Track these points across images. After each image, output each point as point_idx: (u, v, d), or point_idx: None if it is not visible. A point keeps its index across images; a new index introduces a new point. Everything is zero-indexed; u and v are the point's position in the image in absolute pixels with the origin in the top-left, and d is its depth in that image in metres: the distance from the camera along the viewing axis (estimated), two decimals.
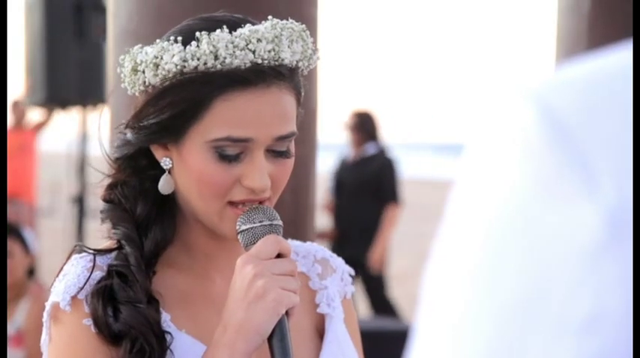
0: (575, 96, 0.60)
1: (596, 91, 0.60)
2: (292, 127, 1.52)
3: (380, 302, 7.35)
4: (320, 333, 1.66)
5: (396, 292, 10.82)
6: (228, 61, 1.47)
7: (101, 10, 5.89)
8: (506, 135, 0.61)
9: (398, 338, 4.59)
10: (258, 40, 1.48)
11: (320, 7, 2.77)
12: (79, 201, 6.76)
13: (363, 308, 7.82)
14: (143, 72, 1.51)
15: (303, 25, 1.55)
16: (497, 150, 0.61)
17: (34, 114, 8.54)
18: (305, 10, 2.61)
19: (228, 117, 1.48)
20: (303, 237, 1.82)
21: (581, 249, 0.57)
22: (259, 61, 1.48)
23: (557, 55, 3.40)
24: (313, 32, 2.72)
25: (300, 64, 1.53)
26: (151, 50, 1.51)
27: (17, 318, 4.55)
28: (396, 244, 14.70)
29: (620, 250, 0.56)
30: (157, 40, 1.53)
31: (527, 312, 0.57)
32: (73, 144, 7.13)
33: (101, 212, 1.61)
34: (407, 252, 13.72)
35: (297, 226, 2.37)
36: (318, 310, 1.67)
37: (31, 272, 4.72)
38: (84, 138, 6.93)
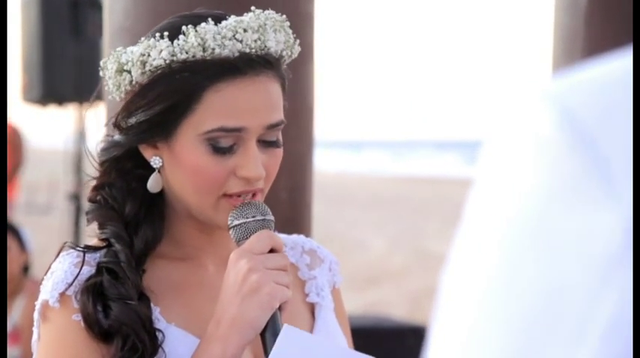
0: (594, 98, 0.58)
1: (614, 93, 0.59)
2: (281, 115, 1.54)
3: None
4: (312, 322, 1.68)
5: (392, 289, 10.83)
6: (217, 51, 1.48)
7: (97, 7, 5.88)
8: (524, 138, 0.60)
9: (392, 336, 4.59)
10: (244, 30, 1.50)
11: (316, 4, 2.76)
12: (76, 198, 6.75)
13: (353, 304, 7.82)
14: (129, 71, 1.52)
15: (284, 16, 1.56)
16: (516, 154, 0.60)
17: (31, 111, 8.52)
18: (301, 7, 2.61)
19: (219, 107, 1.48)
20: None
21: (602, 254, 0.56)
22: (247, 50, 1.50)
23: (553, 50, 3.40)
24: (310, 29, 2.72)
25: (284, 53, 1.55)
26: (136, 49, 1.52)
27: (13, 315, 4.55)
28: (394, 241, 14.70)
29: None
30: (142, 39, 1.53)
31: (547, 318, 0.56)
32: (70, 141, 7.12)
33: (87, 213, 1.61)
34: (404, 250, 13.72)
35: (293, 224, 2.36)
36: (308, 299, 1.70)
37: (26, 269, 4.72)
38: (81, 135, 6.92)
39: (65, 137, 7.35)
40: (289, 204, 2.49)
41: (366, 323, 4.77)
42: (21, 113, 8.78)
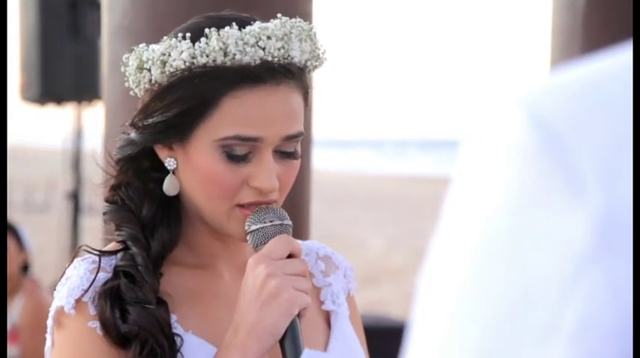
0: (566, 103, 0.60)
1: (586, 97, 0.60)
2: (300, 127, 1.51)
3: None
4: (328, 330, 1.65)
5: (391, 289, 10.84)
6: (237, 57, 1.45)
7: (96, 6, 5.87)
8: (497, 142, 0.61)
9: (391, 335, 4.59)
10: (268, 38, 1.47)
11: (315, 3, 2.76)
12: (74, 197, 6.75)
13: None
14: (149, 70, 1.49)
15: (312, 25, 1.54)
16: (489, 158, 0.61)
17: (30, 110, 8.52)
18: (300, 6, 2.61)
19: (237, 115, 1.46)
20: (298, 236, 1.81)
21: (570, 256, 0.57)
22: (269, 59, 1.46)
23: (551, 52, 3.40)
24: None
25: (309, 63, 1.52)
26: (157, 47, 1.49)
27: (12, 314, 4.55)
28: (393, 241, 14.70)
29: (609, 257, 0.56)
30: (164, 38, 1.51)
31: (517, 320, 0.58)
32: (68, 140, 7.11)
33: (104, 213, 1.58)
34: (403, 249, 13.73)
35: (292, 224, 2.35)
36: (324, 307, 1.67)
37: (25, 268, 4.72)
38: (79, 134, 6.91)
39: (63, 136, 7.35)
40: (287, 204, 2.48)
41: (365, 323, 4.75)
42: (19, 112, 8.77)
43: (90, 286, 1.49)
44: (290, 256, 1.48)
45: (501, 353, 0.58)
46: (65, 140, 7.26)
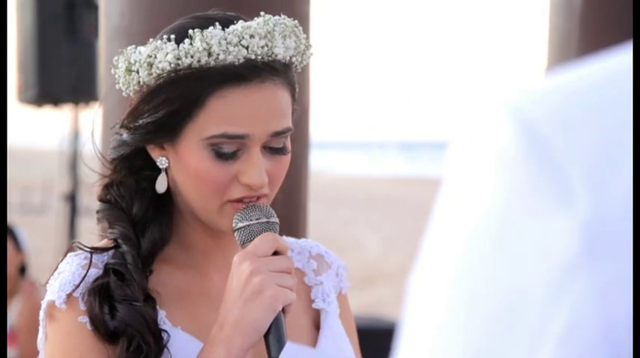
0: (553, 108, 0.60)
1: (575, 102, 0.60)
2: (288, 123, 1.53)
3: None
4: (317, 329, 1.67)
5: (388, 290, 10.84)
6: (221, 57, 1.48)
7: (93, 8, 5.88)
8: (484, 147, 0.61)
9: (387, 337, 4.59)
10: (251, 36, 1.49)
11: (313, 4, 2.77)
12: (71, 199, 6.74)
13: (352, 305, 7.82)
14: (137, 72, 1.52)
15: (296, 21, 1.56)
16: (477, 163, 0.62)
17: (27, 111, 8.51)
18: (297, 7, 2.61)
19: (223, 113, 1.48)
20: (295, 236, 1.82)
21: (557, 261, 0.57)
22: (253, 57, 1.49)
23: (548, 53, 3.40)
24: (306, 30, 2.72)
25: (294, 59, 1.54)
26: (144, 50, 1.52)
27: (10, 316, 4.55)
28: (389, 242, 14.72)
29: (596, 263, 0.57)
30: (151, 40, 1.53)
31: (506, 323, 0.58)
32: (65, 142, 7.11)
33: (97, 212, 1.62)
34: (399, 250, 13.73)
35: (288, 225, 2.36)
36: (314, 305, 1.68)
37: (22, 269, 4.71)
38: (76, 136, 6.91)
39: (60, 138, 7.35)
40: (285, 205, 2.49)
41: (361, 324, 4.76)
42: (16, 114, 8.76)
43: (81, 282, 1.52)
44: (276, 253, 1.50)
45: (491, 354, 0.58)
46: (62, 142, 7.26)
